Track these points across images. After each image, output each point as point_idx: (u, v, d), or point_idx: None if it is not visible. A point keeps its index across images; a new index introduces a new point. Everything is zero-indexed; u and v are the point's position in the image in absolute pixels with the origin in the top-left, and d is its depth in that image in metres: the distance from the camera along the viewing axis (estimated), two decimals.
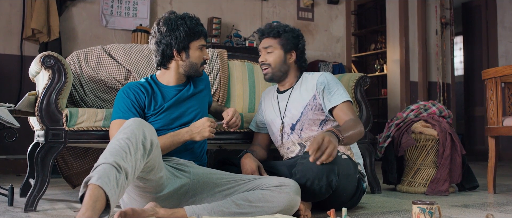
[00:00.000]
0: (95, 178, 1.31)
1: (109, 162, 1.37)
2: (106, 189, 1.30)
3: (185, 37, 1.91)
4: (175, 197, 1.77)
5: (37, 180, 2.03)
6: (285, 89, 2.26)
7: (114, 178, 1.34)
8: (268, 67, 2.21)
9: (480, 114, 6.27)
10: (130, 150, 1.43)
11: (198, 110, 2.02)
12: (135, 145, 1.46)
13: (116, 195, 1.34)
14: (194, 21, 1.94)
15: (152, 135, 1.54)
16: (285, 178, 1.77)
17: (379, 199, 2.48)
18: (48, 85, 2.05)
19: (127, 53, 2.59)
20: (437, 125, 2.78)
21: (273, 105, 2.28)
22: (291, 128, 2.18)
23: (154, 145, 1.54)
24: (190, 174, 1.82)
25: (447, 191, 2.68)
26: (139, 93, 1.91)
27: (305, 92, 2.18)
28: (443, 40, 5.90)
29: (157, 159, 1.60)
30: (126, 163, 1.40)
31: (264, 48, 2.22)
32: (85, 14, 4.32)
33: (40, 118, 2.04)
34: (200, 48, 1.96)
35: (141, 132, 1.50)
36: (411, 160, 2.84)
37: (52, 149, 2.05)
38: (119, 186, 1.36)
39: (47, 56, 2.05)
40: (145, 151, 1.49)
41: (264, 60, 2.22)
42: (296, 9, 5.41)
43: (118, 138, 1.46)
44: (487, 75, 2.76)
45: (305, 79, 2.23)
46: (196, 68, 1.98)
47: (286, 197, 1.69)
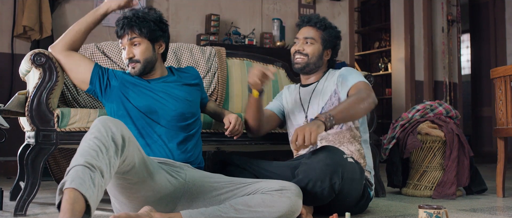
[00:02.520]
0: (68, 182, 1.29)
1: (80, 163, 1.35)
2: (82, 190, 1.28)
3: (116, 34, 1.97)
4: (170, 201, 1.75)
5: (27, 183, 2.01)
6: (310, 83, 2.24)
7: (88, 177, 1.32)
8: (304, 57, 2.16)
9: (488, 114, 6.26)
10: (101, 148, 1.41)
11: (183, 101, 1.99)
12: (105, 142, 1.44)
13: (95, 195, 1.32)
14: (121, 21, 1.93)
15: (121, 129, 1.51)
16: (286, 182, 1.75)
17: (384, 203, 2.46)
18: (38, 84, 2.04)
19: (121, 51, 2.57)
20: (444, 126, 2.77)
21: (295, 99, 2.26)
22: None
23: (126, 139, 1.52)
24: (186, 177, 1.80)
25: (454, 194, 2.67)
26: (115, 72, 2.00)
27: (327, 88, 2.17)
28: (449, 38, 5.89)
29: (136, 154, 1.58)
30: (99, 161, 1.38)
31: (305, 38, 2.17)
32: (78, 11, 4.30)
33: (30, 118, 2.03)
34: (122, 48, 1.96)
35: (108, 129, 1.47)
36: (417, 162, 2.82)
37: (43, 150, 2.04)
38: (96, 185, 1.33)
39: (38, 54, 2.04)
40: (117, 147, 1.47)
41: (301, 49, 2.16)
42: (298, 5, 5.40)
43: (86, 139, 1.45)
44: (496, 74, 2.75)
45: (330, 74, 2.22)
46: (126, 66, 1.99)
47: (287, 202, 1.68)
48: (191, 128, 1.98)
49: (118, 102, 1.92)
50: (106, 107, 1.99)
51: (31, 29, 3.91)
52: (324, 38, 2.17)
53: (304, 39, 2.17)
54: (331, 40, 2.20)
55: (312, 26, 2.18)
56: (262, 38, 5.02)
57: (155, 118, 1.90)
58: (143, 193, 1.68)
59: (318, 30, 2.17)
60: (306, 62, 2.17)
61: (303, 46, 2.17)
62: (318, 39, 2.17)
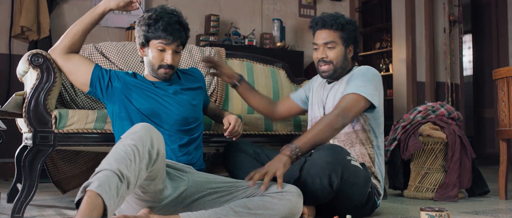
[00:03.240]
0: (95, 185, 1.28)
1: (112, 169, 1.34)
2: (105, 198, 1.27)
3: (145, 33, 1.91)
4: (172, 204, 1.75)
5: (25, 185, 2.01)
6: (333, 81, 2.18)
7: (115, 187, 1.32)
8: (330, 64, 2.08)
9: (490, 116, 6.25)
10: (136, 157, 1.41)
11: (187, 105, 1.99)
12: (142, 153, 1.43)
13: (115, 205, 1.32)
14: (166, 19, 1.88)
15: (159, 143, 1.52)
16: (287, 184, 1.75)
17: (385, 205, 2.46)
18: (36, 85, 2.03)
19: (120, 52, 2.57)
20: (446, 127, 2.76)
21: (319, 92, 2.24)
22: None
23: (160, 154, 1.52)
24: (189, 181, 1.80)
25: (456, 196, 2.67)
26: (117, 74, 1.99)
27: (342, 86, 2.10)
28: (451, 38, 5.88)
29: (161, 169, 1.59)
30: (130, 171, 1.37)
31: (324, 44, 2.07)
32: (77, 11, 4.30)
33: (27, 120, 2.02)
34: (159, 49, 1.91)
35: (149, 139, 1.47)
36: (418, 164, 2.82)
37: (41, 152, 2.04)
38: (119, 196, 1.33)
39: (35, 55, 2.04)
40: (150, 161, 1.47)
41: (325, 57, 2.08)
42: (298, 6, 5.39)
43: (124, 143, 1.44)
44: (499, 75, 2.74)
45: (351, 73, 2.13)
46: (153, 69, 1.95)
47: (287, 204, 1.67)
48: (193, 132, 1.98)
49: (120, 104, 1.92)
50: (107, 108, 1.99)
51: (29, 29, 3.91)
52: (344, 37, 2.08)
53: (324, 44, 2.08)
54: (351, 37, 2.10)
55: (329, 29, 2.08)
56: (262, 38, 5.02)
57: (158, 122, 1.90)
58: (151, 201, 1.69)
59: (336, 31, 2.07)
60: (333, 69, 2.09)
61: (325, 52, 2.08)
62: (338, 41, 2.08)
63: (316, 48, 2.12)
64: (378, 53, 6.64)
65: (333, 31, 2.08)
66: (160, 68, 1.93)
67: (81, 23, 1.99)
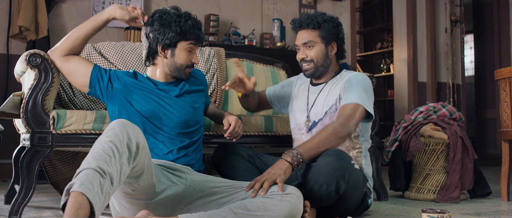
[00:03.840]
0: (77, 185, 1.28)
1: (92, 167, 1.33)
2: (89, 196, 1.27)
3: (174, 35, 1.90)
4: (169, 205, 1.75)
5: (22, 186, 2.01)
6: (319, 83, 2.21)
7: (98, 183, 1.31)
8: (310, 62, 2.13)
9: (492, 116, 6.24)
10: (114, 153, 1.40)
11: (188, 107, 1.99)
12: (120, 147, 1.43)
13: (101, 202, 1.31)
14: (190, 22, 1.93)
15: (137, 136, 1.51)
16: (287, 185, 1.74)
17: (386, 207, 2.45)
18: (34, 85, 2.03)
19: (118, 52, 2.57)
20: (448, 128, 2.76)
21: (302, 96, 2.24)
22: (312, 126, 2.14)
23: (141, 147, 1.51)
24: (187, 181, 1.79)
25: (458, 198, 2.66)
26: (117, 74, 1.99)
27: (334, 91, 2.13)
28: (453, 38, 5.88)
29: (146, 163, 1.57)
30: (111, 167, 1.37)
31: (303, 44, 2.13)
32: (75, 10, 4.30)
33: (25, 120, 2.02)
34: (188, 50, 1.95)
35: (125, 134, 1.47)
36: (420, 165, 2.82)
37: (38, 153, 2.03)
38: (104, 192, 1.32)
39: (33, 55, 2.03)
40: (130, 154, 1.46)
41: (305, 57, 2.13)
42: (298, 5, 5.39)
43: (100, 141, 1.44)
44: (501, 75, 2.74)
45: (341, 77, 2.16)
46: (181, 69, 1.96)
47: (287, 206, 1.66)
48: (194, 135, 1.98)
49: (121, 106, 1.91)
50: (108, 109, 1.98)
51: (27, 29, 3.90)
52: (322, 35, 2.12)
53: (303, 45, 2.14)
54: (331, 33, 2.13)
55: (306, 28, 2.14)
56: (262, 38, 5.02)
57: (158, 124, 1.89)
58: (145, 199, 1.68)
59: (314, 30, 2.12)
60: (314, 68, 2.14)
61: (305, 52, 2.14)
62: (316, 39, 2.12)
63: (298, 49, 2.18)
64: (379, 54, 6.64)
65: (311, 31, 2.13)
66: (187, 68, 1.97)
67: (83, 29, 1.97)
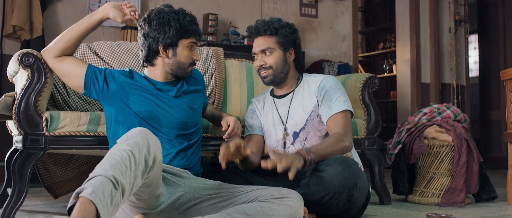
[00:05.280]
0: (88, 191, 1.25)
1: (107, 175, 1.31)
2: (98, 206, 1.24)
3: (175, 33, 1.90)
4: (168, 211, 1.73)
5: (15, 190, 1.99)
6: (285, 94, 2.19)
7: (109, 194, 1.29)
8: (269, 69, 2.12)
9: (497, 118, 6.23)
10: (131, 164, 1.38)
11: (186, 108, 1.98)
12: (138, 159, 1.41)
13: (109, 214, 1.29)
14: (188, 18, 1.93)
15: (156, 149, 1.50)
16: (287, 189, 1.73)
17: (389, 211, 2.44)
18: (26, 86, 2.01)
19: (114, 52, 2.55)
20: (452, 130, 2.74)
21: (271, 112, 2.21)
22: (293, 136, 2.12)
23: (157, 161, 1.50)
24: (185, 186, 1.78)
25: (463, 202, 2.64)
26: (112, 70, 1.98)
27: (307, 98, 2.12)
28: (457, 38, 5.86)
29: (157, 176, 1.56)
30: (125, 178, 1.35)
31: (261, 51, 2.12)
32: (70, 9, 4.29)
33: (17, 122, 2.00)
34: (189, 48, 1.95)
35: (146, 145, 1.45)
36: (423, 168, 2.80)
37: (31, 156, 2.01)
38: (113, 204, 1.30)
39: (26, 54, 2.01)
40: (146, 168, 1.45)
41: (263, 64, 2.11)
42: (299, 4, 5.38)
43: (120, 148, 1.41)
44: (507, 76, 2.73)
45: (307, 83, 2.17)
46: (183, 68, 1.97)
47: (287, 210, 1.65)
48: (192, 137, 1.96)
49: (118, 108, 1.90)
50: (104, 110, 1.97)
51: (21, 29, 3.89)
52: (280, 41, 2.11)
53: (261, 52, 2.12)
54: (288, 39, 2.13)
55: (263, 35, 2.13)
56: None
57: (156, 125, 1.88)
58: (146, 209, 1.67)
59: (271, 36, 2.11)
60: (273, 75, 2.12)
61: (263, 59, 2.12)
62: (275, 46, 2.11)
63: (255, 58, 2.16)
64: (381, 54, 6.62)
65: (268, 37, 2.12)
66: (190, 66, 1.99)
67: (76, 29, 1.94)
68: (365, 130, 2.61)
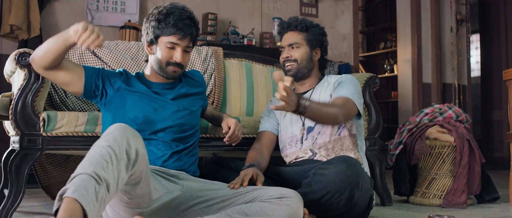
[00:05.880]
0: (71, 191, 1.25)
1: (88, 172, 1.30)
2: (83, 203, 1.24)
3: (153, 30, 1.87)
4: (165, 212, 1.72)
5: (11, 191, 1.99)
6: (305, 91, 2.23)
7: (93, 190, 1.28)
8: (294, 62, 2.17)
9: (498, 118, 6.22)
10: (112, 159, 1.37)
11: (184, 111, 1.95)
12: (118, 153, 1.39)
13: (96, 210, 1.28)
14: (175, 16, 1.85)
15: (137, 143, 1.48)
16: (286, 189, 1.72)
17: (390, 212, 2.43)
18: (23, 85, 2.01)
19: (112, 51, 2.55)
20: (454, 130, 2.73)
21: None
22: (307, 130, 2.15)
23: (140, 154, 1.48)
24: (183, 187, 1.77)
25: (465, 203, 2.64)
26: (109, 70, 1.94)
27: (324, 94, 2.17)
28: (458, 38, 5.86)
29: (144, 171, 1.55)
30: (107, 173, 1.34)
31: (289, 45, 2.19)
32: (69, 9, 4.28)
33: (14, 122, 2.00)
34: (169, 47, 1.86)
35: (125, 139, 1.44)
36: (425, 169, 2.79)
37: (28, 156, 2.01)
38: (99, 200, 1.29)
39: (23, 54, 2.01)
40: (129, 161, 1.43)
41: (289, 56, 2.18)
42: (299, 4, 5.37)
43: (98, 146, 1.40)
44: (509, 76, 2.72)
45: (326, 82, 2.22)
46: (161, 66, 1.89)
47: (287, 210, 1.65)
48: (189, 140, 1.95)
49: (114, 114, 1.88)
50: (102, 114, 1.95)
51: (18, 28, 3.88)
52: (309, 38, 2.19)
53: (288, 46, 2.19)
54: (317, 39, 2.20)
55: (293, 30, 2.20)
56: (262, 38, 5.00)
57: (153, 129, 1.86)
58: (141, 207, 1.66)
59: (301, 33, 2.19)
60: (297, 68, 2.17)
61: (290, 52, 2.18)
62: (303, 42, 2.18)
63: (282, 50, 2.22)
64: (382, 54, 6.62)
65: (297, 33, 2.19)
66: (169, 65, 1.89)
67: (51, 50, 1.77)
68: (366, 130, 2.61)
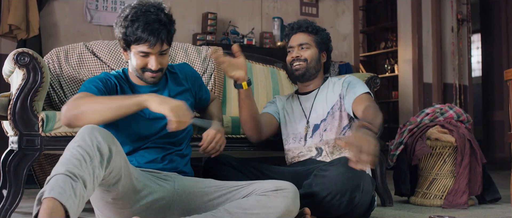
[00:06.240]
0: (47, 191, 1.26)
1: (61, 172, 1.31)
2: (62, 200, 1.24)
3: (123, 36, 1.73)
4: (160, 211, 1.72)
5: (10, 191, 1.99)
6: (310, 91, 2.29)
7: (69, 187, 1.29)
8: (303, 62, 2.22)
9: (499, 119, 6.22)
10: (85, 157, 1.38)
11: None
12: (90, 151, 1.40)
13: (76, 205, 1.29)
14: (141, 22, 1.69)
15: (108, 139, 1.47)
16: (282, 181, 1.72)
17: (391, 213, 2.43)
18: (22, 85, 2.01)
19: (111, 51, 2.55)
20: (455, 131, 2.73)
21: (294, 106, 2.29)
22: (313, 129, 2.17)
23: (114, 150, 1.48)
24: (175, 184, 1.76)
25: (466, 203, 2.63)
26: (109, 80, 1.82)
27: (331, 93, 2.22)
28: (459, 38, 5.86)
29: (123, 167, 1.54)
30: (82, 170, 1.35)
31: (299, 45, 2.23)
32: (68, 8, 4.27)
33: (13, 122, 2.00)
34: (141, 56, 1.73)
35: (94, 138, 1.44)
36: (426, 169, 2.79)
37: (27, 156, 2.01)
38: (78, 195, 1.30)
39: (21, 54, 2.01)
40: (102, 157, 1.43)
41: (299, 56, 2.22)
42: (299, 4, 5.37)
43: (69, 148, 1.42)
44: (511, 76, 2.72)
45: (331, 82, 2.27)
46: (137, 73, 1.79)
47: (284, 202, 1.66)
48: (181, 142, 1.91)
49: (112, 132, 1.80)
50: None
51: (17, 28, 3.87)
52: (318, 41, 2.25)
53: (299, 46, 2.24)
54: (324, 43, 2.28)
55: (304, 32, 2.25)
56: (262, 38, 4.99)
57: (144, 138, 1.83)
58: (128, 206, 1.65)
59: (311, 35, 2.25)
60: (306, 68, 2.22)
61: (299, 52, 2.23)
62: (312, 43, 2.24)
63: (290, 51, 2.27)
64: (383, 54, 6.62)
65: (308, 35, 2.25)
66: (146, 72, 1.77)
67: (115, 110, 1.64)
68: None
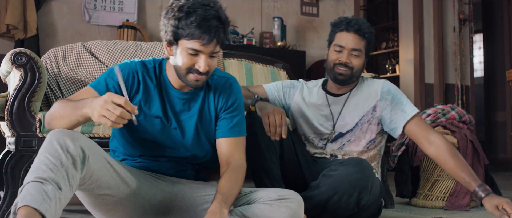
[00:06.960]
0: (20, 202, 1.25)
1: (30, 180, 1.30)
2: (35, 205, 1.23)
3: (173, 28, 1.55)
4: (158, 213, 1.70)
5: (7, 193, 1.99)
6: (341, 93, 2.13)
7: (41, 192, 1.26)
8: (349, 70, 2.04)
9: (502, 119, 6.22)
10: (53, 161, 1.34)
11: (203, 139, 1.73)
12: (58, 155, 1.36)
13: (53, 208, 1.26)
14: (198, 16, 1.52)
15: (80, 141, 1.42)
16: (285, 190, 1.71)
17: (392, 215, 2.42)
18: (19, 86, 2.01)
19: (110, 51, 2.54)
20: (457, 132, 2.73)
21: (322, 105, 2.13)
22: (336, 136, 2.08)
23: (87, 151, 1.42)
24: (174, 187, 1.75)
25: (468, 205, 2.63)
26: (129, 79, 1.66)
27: (363, 101, 2.09)
28: (461, 38, 5.85)
29: (103, 166, 1.50)
30: (52, 173, 1.32)
31: (352, 49, 2.03)
32: (66, 8, 4.27)
33: (10, 123, 2.00)
34: (190, 53, 1.55)
35: (63, 142, 1.39)
36: (427, 171, 2.78)
37: (24, 158, 2.01)
38: (53, 198, 1.27)
39: (18, 54, 2.01)
40: (74, 159, 1.38)
41: (348, 62, 2.03)
42: (300, 3, 5.37)
43: (38, 157, 1.39)
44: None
45: (364, 86, 2.13)
46: (180, 72, 1.60)
47: (286, 212, 1.63)
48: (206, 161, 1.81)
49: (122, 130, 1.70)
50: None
51: (15, 28, 3.87)
52: (367, 48, 2.08)
53: (351, 50, 2.03)
54: (370, 48, 2.11)
55: (361, 36, 2.04)
56: (262, 37, 4.99)
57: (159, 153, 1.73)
58: (124, 209, 1.63)
59: (363, 40, 2.05)
60: (350, 75, 2.05)
61: (350, 58, 2.03)
62: (363, 51, 2.06)
63: (339, 50, 2.05)
64: (384, 54, 6.61)
65: (361, 39, 2.05)
66: (190, 73, 1.59)
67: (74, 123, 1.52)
68: None
